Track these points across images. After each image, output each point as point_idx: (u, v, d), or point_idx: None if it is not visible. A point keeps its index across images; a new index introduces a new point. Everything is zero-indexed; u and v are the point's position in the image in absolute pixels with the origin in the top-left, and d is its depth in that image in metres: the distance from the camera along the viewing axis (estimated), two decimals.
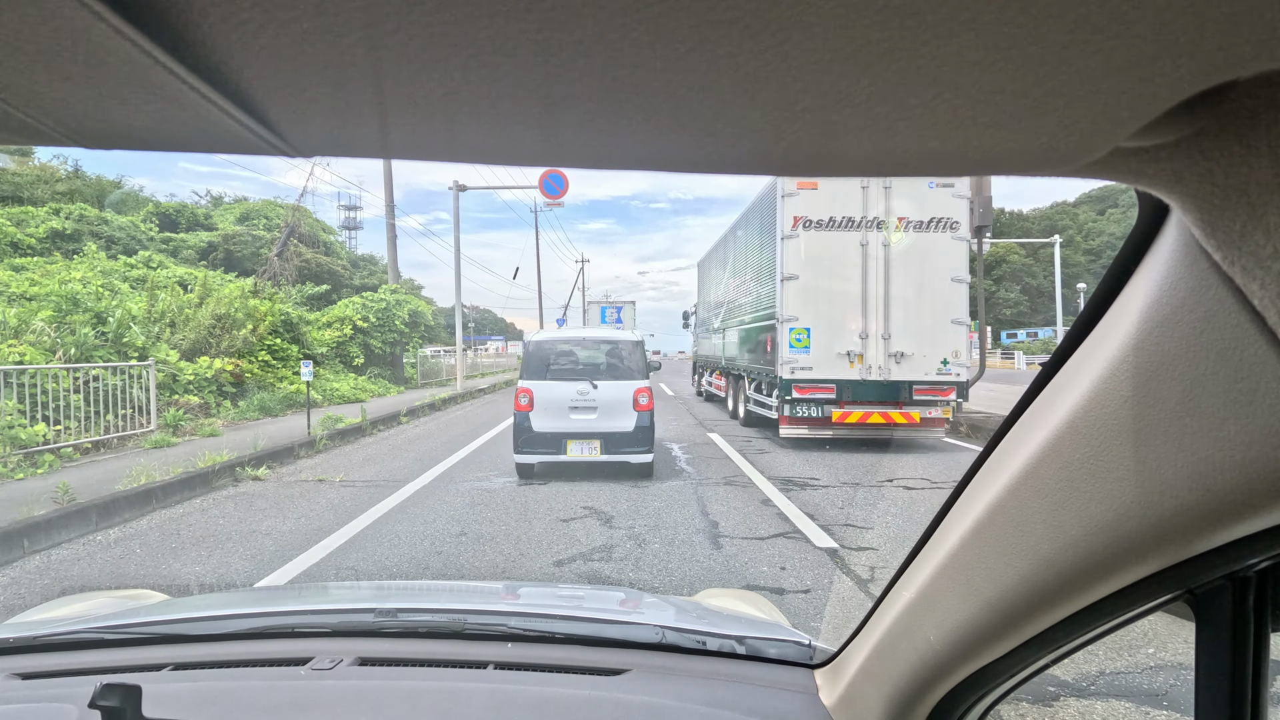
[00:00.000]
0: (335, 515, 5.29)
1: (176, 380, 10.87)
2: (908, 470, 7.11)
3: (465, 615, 1.10)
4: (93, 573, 4.07)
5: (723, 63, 0.25)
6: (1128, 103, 0.27)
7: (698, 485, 6.21)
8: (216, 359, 11.79)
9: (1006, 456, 0.51)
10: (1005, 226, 63.17)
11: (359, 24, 0.23)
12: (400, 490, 6.08)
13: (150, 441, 8.03)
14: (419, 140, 0.31)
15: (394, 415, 11.60)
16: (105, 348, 9.98)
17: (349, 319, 17.81)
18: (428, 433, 10.26)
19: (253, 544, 4.55)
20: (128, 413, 8.58)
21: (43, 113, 0.29)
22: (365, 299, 18.80)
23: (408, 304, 19.20)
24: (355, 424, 9.92)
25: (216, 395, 11.48)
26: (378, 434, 10.19)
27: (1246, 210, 0.30)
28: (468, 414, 13.12)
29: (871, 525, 4.94)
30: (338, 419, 9.90)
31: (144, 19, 0.22)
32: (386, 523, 5.05)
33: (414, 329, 19.87)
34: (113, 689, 0.66)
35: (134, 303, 12.03)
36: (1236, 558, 0.40)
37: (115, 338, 10.16)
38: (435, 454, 8.11)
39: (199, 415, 10.55)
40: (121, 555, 4.39)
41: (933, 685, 0.66)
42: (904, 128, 0.29)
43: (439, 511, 5.39)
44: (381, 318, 18.43)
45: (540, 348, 6.55)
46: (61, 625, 1.12)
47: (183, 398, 10.61)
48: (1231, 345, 0.33)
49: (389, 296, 18.94)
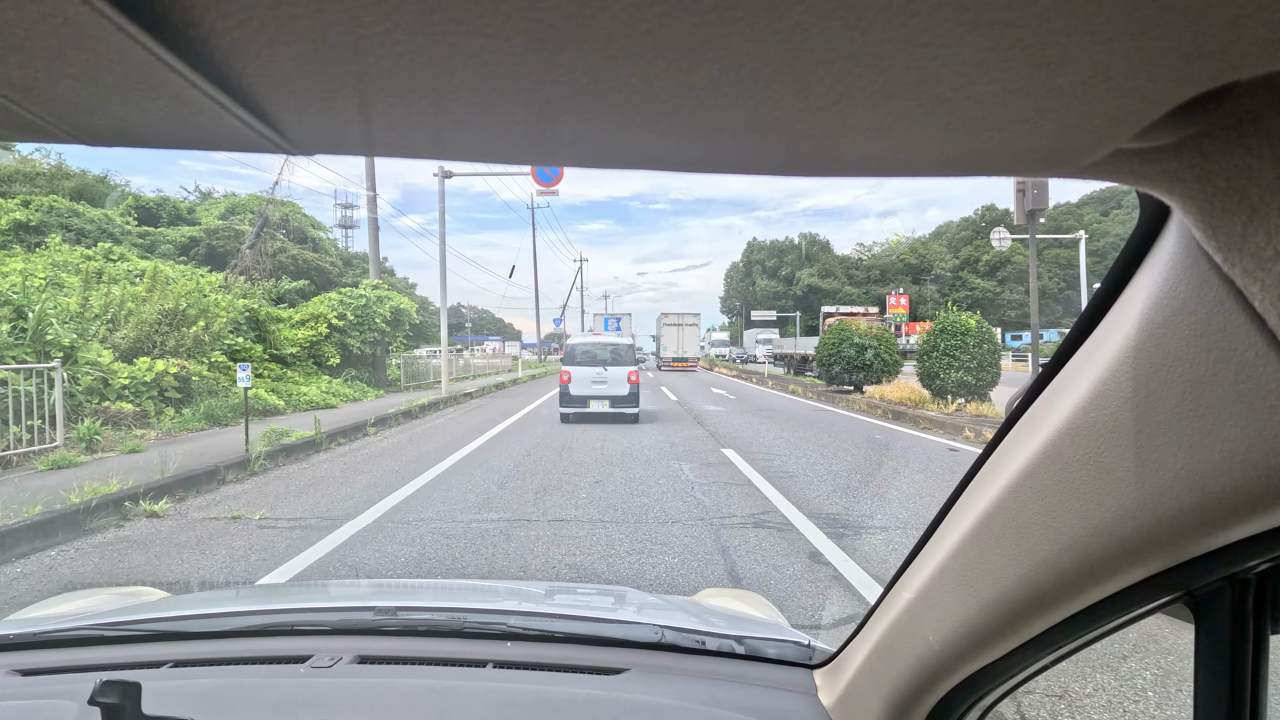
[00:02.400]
0: (231, 573, 3.87)
1: (109, 385, 9.45)
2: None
3: (464, 614, 1.10)
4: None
5: (724, 62, 0.25)
6: (1129, 104, 0.27)
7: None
8: (159, 360, 10.35)
9: (1006, 457, 0.51)
10: (1007, 226, 62.02)
11: (360, 22, 0.23)
12: (333, 534, 4.66)
13: (48, 461, 6.58)
14: (420, 139, 0.31)
15: (361, 425, 10.16)
16: (21, 347, 8.57)
17: (323, 316, 16.36)
18: (395, 447, 8.82)
19: None
20: (36, 424, 7.18)
21: (44, 109, 0.29)
22: (343, 295, 17.33)
23: (389, 301, 17.73)
24: (308, 437, 8.48)
25: (158, 402, 10.05)
26: (334, 449, 8.73)
27: (1247, 212, 0.30)
28: (448, 423, 11.63)
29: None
30: (284, 432, 8.42)
31: (145, 16, 0.22)
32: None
33: (397, 328, 18.42)
34: (112, 686, 0.65)
35: (75, 297, 10.65)
36: (1236, 560, 0.40)
37: (36, 335, 8.76)
38: (395, 477, 6.69)
39: (133, 425, 9.12)
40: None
41: (932, 686, 0.67)
42: (905, 128, 0.29)
43: (377, 566, 3.99)
44: (360, 315, 16.97)
45: (574, 346, 11.45)
46: (61, 622, 1.11)
47: (114, 405, 9.19)
48: (1232, 347, 0.33)
49: (369, 293, 17.48)
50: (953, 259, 66.04)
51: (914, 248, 68.01)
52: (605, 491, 5.97)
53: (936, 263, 65.54)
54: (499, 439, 9.36)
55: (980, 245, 65.05)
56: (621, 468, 7.13)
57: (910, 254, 66.56)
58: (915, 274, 65.33)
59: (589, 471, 6.90)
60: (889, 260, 67.31)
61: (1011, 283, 60.36)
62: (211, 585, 3.74)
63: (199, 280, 13.33)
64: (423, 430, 10.60)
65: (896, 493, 6.09)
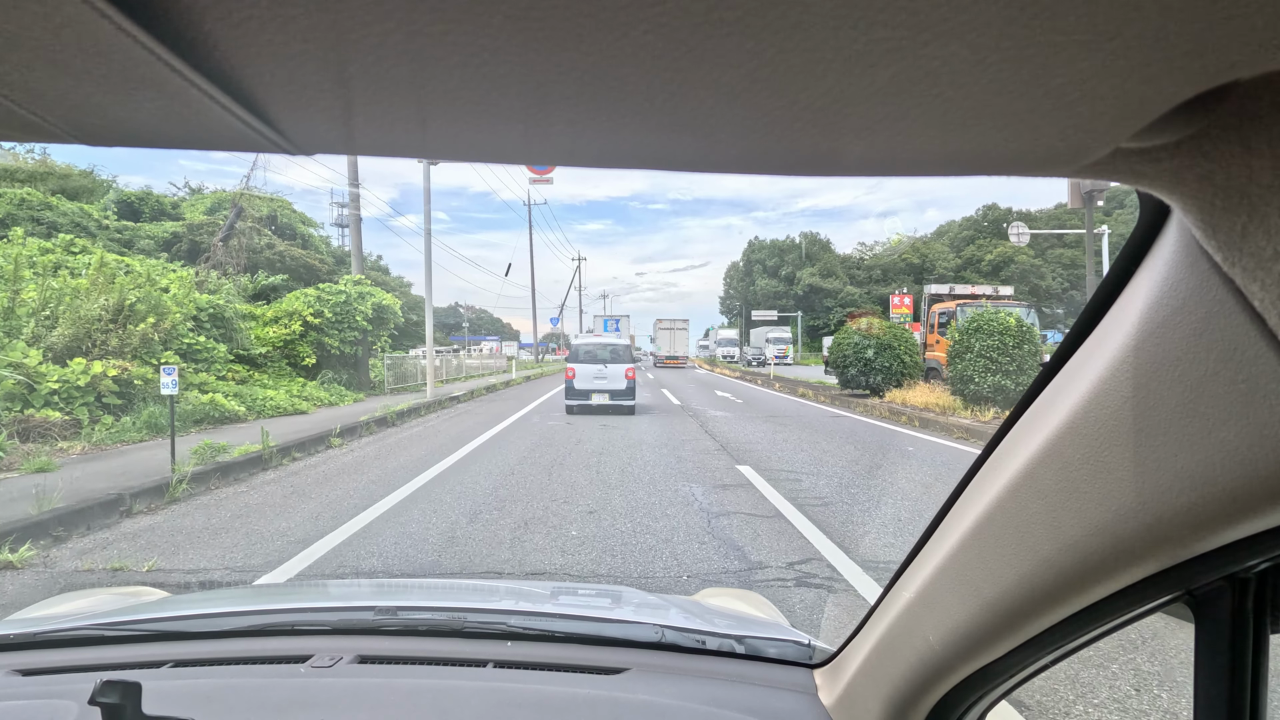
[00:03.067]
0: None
1: (34, 390, 8.25)
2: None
3: (465, 614, 1.10)
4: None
5: (724, 61, 0.25)
6: (1129, 103, 0.27)
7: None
8: (97, 361, 9.14)
9: (1007, 457, 0.51)
10: (1025, 220, 60.79)
11: (359, 21, 0.23)
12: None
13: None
14: (421, 138, 0.31)
15: (325, 435, 8.95)
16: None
17: (298, 314, 15.14)
18: (358, 463, 7.61)
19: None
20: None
21: (45, 109, 0.29)
22: (321, 290, 16.10)
23: (372, 297, 16.52)
24: (254, 452, 7.27)
25: (94, 408, 8.85)
26: (286, 466, 7.50)
27: (1247, 211, 0.30)
28: (427, 431, 10.40)
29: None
30: (221, 447, 7.16)
31: (145, 15, 0.23)
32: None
33: (381, 326, 17.21)
34: (112, 686, 0.65)
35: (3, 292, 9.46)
36: (1236, 559, 0.40)
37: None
38: (346, 504, 5.49)
39: (60, 436, 7.93)
40: None
41: (932, 685, 0.67)
42: (904, 128, 0.29)
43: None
44: (340, 313, 15.76)
45: (578, 346, 12.92)
46: (62, 622, 1.11)
47: (39, 413, 8.00)
48: (1232, 346, 0.33)
49: (350, 288, 16.26)
50: (955, 258, 64.44)
51: (916, 247, 67.00)
52: (601, 526, 4.79)
53: (939, 262, 63.91)
54: (480, 452, 8.15)
55: (983, 245, 63.88)
56: (621, 491, 5.95)
57: (912, 253, 65.59)
58: (917, 274, 63.57)
59: (582, 498, 5.71)
60: (891, 260, 66.55)
61: (1015, 282, 59.49)
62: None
63: (150, 271, 12.07)
64: (396, 441, 9.37)
65: None
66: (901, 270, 65.63)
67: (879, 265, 67.80)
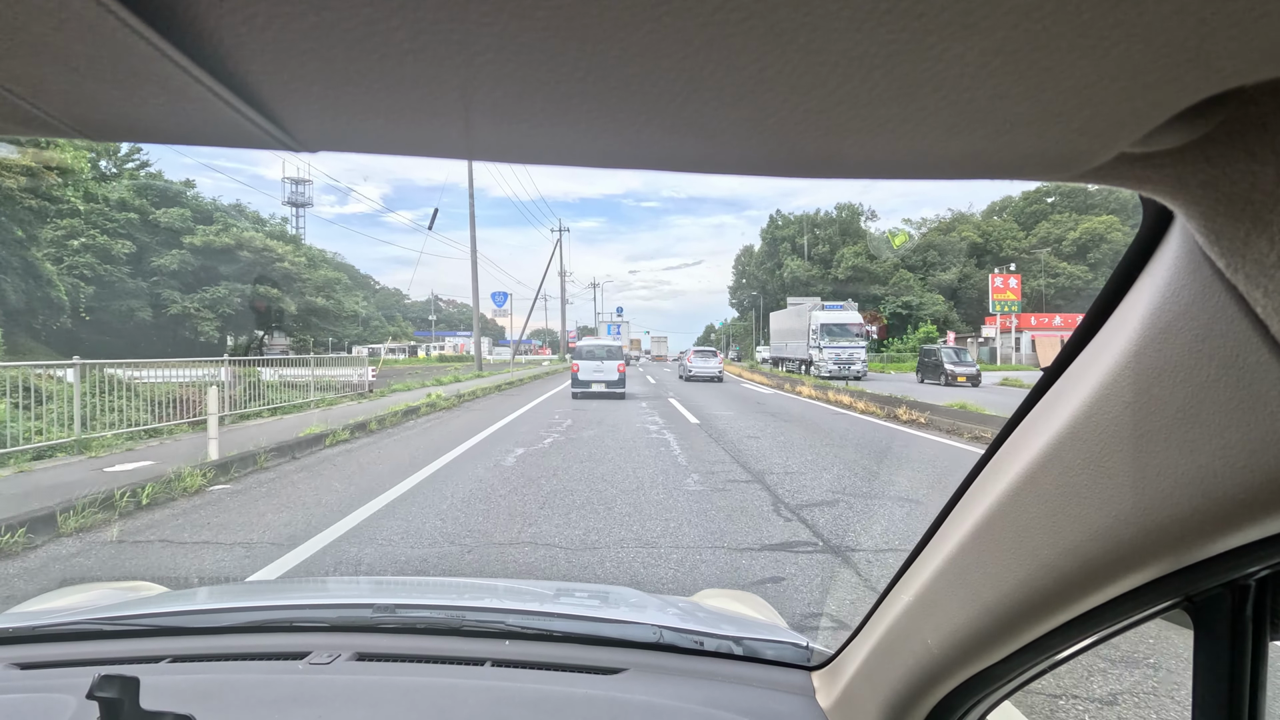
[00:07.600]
0: None
1: None
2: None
3: (463, 612, 1.11)
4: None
5: (729, 63, 0.25)
6: (1132, 109, 0.27)
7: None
8: None
9: (1007, 461, 0.51)
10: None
11: (364, 19, 0.23)
12: None
13: None
14: (423, 137, 0.31)
15: None
16: None
17: None
18: None
19: None
20: None
21: (48, 104, 0.29)
22: None
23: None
24: None
25: None
26: None
27: (1250, 217, 0.30)
28: None
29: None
30: None
31: (149, 10, 0.23)
32: None
33: None
34: (111, 680, 0.65)
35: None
36: (1236, 566, 0.40)
37: None
38: None
39: None
40: None
41: (930, 689, 0.67)
42: (907, 131, 0.29)
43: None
44: None
45: (581, 347, 17.30)
46: (61, 616, 1.12)
47: None
48: (1234, 353, 0.33)
49: None
50: (1026, 236, 54.65)
51: (977, 224, 56.76)
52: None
53: (1005, 241, 54.11)
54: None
55: (1059, 221, 53.35)
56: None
57: (973, 231, 55.41)
58: (979, 255, 54.15)
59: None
60: (910, 257, 55.54)
61: (1105, 267, 46.53)
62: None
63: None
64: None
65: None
66: (963, 252, 54.53)
67: (918, 252, 56.30)
